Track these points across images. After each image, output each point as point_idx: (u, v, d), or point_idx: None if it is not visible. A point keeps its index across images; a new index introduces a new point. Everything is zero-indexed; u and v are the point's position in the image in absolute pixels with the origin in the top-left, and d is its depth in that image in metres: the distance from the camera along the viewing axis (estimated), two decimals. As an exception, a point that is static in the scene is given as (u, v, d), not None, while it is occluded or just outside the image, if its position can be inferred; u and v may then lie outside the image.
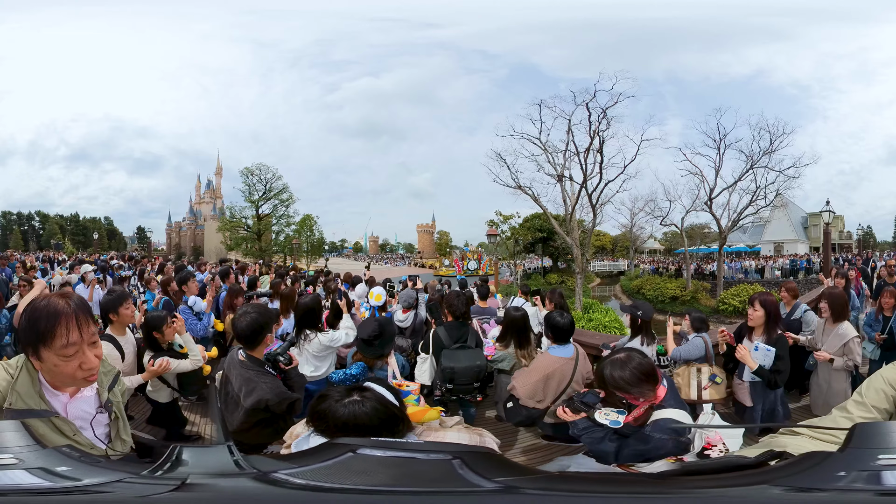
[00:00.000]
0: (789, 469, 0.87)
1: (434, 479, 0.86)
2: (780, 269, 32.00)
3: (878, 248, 54.68)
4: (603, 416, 2.26)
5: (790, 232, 48.30)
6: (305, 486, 0.83)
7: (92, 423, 1.71)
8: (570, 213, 22.92)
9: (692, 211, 26.96)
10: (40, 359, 1.47)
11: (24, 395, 1.51)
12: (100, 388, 1.73)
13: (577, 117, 22.44)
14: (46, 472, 0.83)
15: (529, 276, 34.51)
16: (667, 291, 27.88)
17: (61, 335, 1.44)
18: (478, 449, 1.04)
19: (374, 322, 3.71)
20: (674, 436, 2.09)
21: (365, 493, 0.83)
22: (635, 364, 2.20)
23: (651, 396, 2.22)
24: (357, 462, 0.89)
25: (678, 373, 4.53)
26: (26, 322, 1.47)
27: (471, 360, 4.09)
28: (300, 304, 4.36)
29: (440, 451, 0.94)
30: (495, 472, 0.87)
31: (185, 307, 5.61)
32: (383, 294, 5.81)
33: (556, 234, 25.76)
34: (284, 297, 5.76)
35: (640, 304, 4.62)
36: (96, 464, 0.89)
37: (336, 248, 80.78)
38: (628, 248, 41.76)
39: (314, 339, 4.19)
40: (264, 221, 43.51)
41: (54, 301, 1.48)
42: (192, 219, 74.76)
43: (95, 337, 1.55)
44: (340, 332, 4.33)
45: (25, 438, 0.91)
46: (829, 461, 0.83)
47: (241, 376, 2.93)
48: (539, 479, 0.91)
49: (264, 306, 4.00)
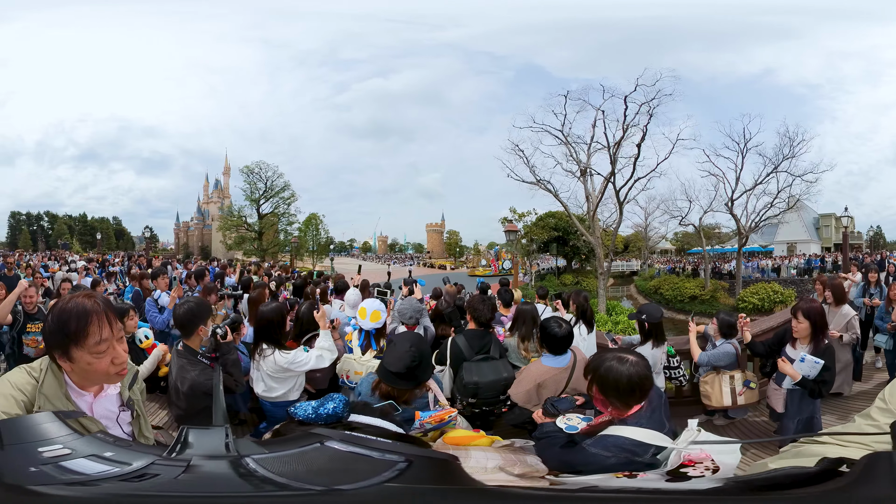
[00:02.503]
0: (866, 476, 0.84)
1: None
2: (795, 268, 32.23)
3: (888, 247, 54.58)
4: (563, 421, 2.19)
5: (803, 232, 48.57)
6: (263, 476, 0.87)
7: (118, 420, 1.77)
8: (593, 209, 22.32)
9: (709, 211, 27.26)
10: (71, 359, 1.49)
11: (51, 397, 1.53)
12: (122, 387, 1.79)
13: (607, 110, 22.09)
14: (100, 459, 0.86)
15: (543, 276, 34.34)
16: (686, 291, 27.80)
17: (94, 333, 1.47)
18: (439, 455, 1.07)
19: (407, 344, 2.56)
20: (620, 454, 1.89)
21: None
22: (635, 370, 1.98)
23: (618, 412, 2.02)
24: (320, 453, 0.94)
25: (705, 380, 4.60)
26: (55, 324, 1.47)
27: (496, 373, 3.61)
28: (260, 312, 3.74)
29: (396, 452, 0.97)
30: (440, 480, 0.92)
31: (150, 300, 5.99)
32: (382, 312, 4.05)
33: (571, 233, 25.51)
34: (252, 301, 5.28)
35: (645, 307, 4.51)
36: (129, 447, 0.93)
37: (345, 248, 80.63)
38: (640, 249, 41.58)
39: (269, 357, 3.58)
40: (266, 220, 42.93)
41: (82, 301, 1.50)
42: (199, 218, 74.82)
43: (122, 332, 1.59)
44: (309, 355, 3.66)
45: (64, 428, 0.93)
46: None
47: (177, 364, 3.15)
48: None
49: (203, 299, 3.79)
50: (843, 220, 19.97)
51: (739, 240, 26.53)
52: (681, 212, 28.07)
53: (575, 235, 28.65)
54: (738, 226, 25.92)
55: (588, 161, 22.52)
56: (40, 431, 0.92)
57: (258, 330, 3.70)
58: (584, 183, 22.64)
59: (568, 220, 25.92)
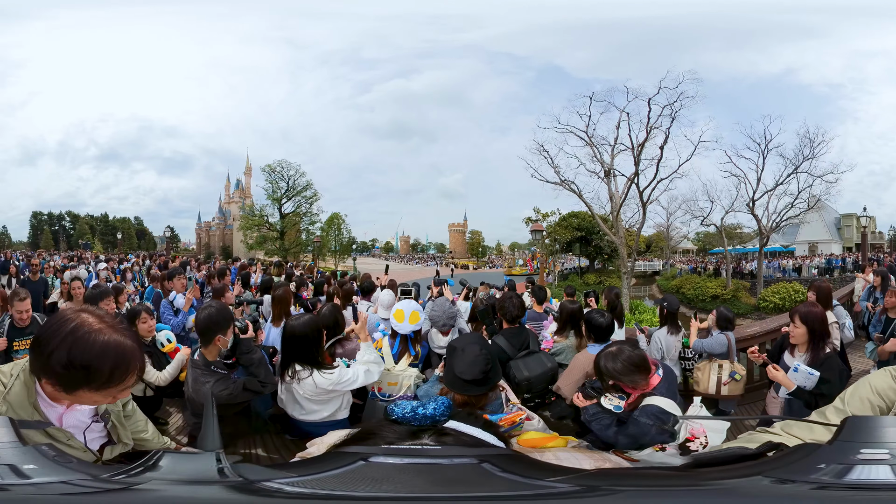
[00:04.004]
0: (781, 461, 0.88)
1: (463, 483, 0.82)
2: (816, 268, 32.38)
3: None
4: (608, 402, 2.42)
5: (824, 233, 48.53)
6: (301, 494, 0.77)
7: (85, 431, 1.67)
8: (617, 210, 22.59)
9: (730, 212, 27.48)
10: (71, 394, 1.27)
11: (15, 405, 1.42)
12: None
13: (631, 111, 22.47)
14: (11, 470, 0.80)
15: (566, 276, 34.61)
16: (707, 290, 27.95)
17: (125, 382, 1.27)
18: (503, 451, 1.01)
19: (477, 347, 2.25)
20: (657, 423, 2.20)
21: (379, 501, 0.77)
22: (626, 356, 2.39)
23: (643, 385, 2.40)
24: (370, 471, 0.82)
25: (700, 367, 4.83)
26: (81, 360, 1.19)
27: (542, 365, 3.62)
28: (291, 327, 3.08)
29: (464, 455, 0.90)
30: (529, 472, 0.86)
31: (165, 301, 5.85)
32: (421, 313, 3.83)
33: (594, 233, 25.73)
34: (277, 300, 4.74)
35: (668, 296, 5.23)
36: (65, 464, 0.85)
37: (367, 248, 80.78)
38: (662, 248, 41.72)
39: (307, 380, 2.99)
40: (288, 220, 42.48)
41: (120, 341, 1.24)
42: (221, 218, 75.51)
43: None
44: (355, 372, 3.08)
45: (11, 434, 0.87)
46: (816, 453, 0.83)
47: (191, 375, 2.94)
48: (578, 477, 0.89)
49: (225, 306, 3.29)
50: (863, 219, 20.65)
51: (761, 240, 26.73)
52: (702, 212, 28.29)
53: (598, 235, 29.20)
54: (759, 226, 26.12)
55: (612, 162, 22.81)
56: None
57: (288, 349, 3.11)
58: (608, 183, 22.91)
59: (591, 220, 26.35)
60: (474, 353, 2.16)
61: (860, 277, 8.07)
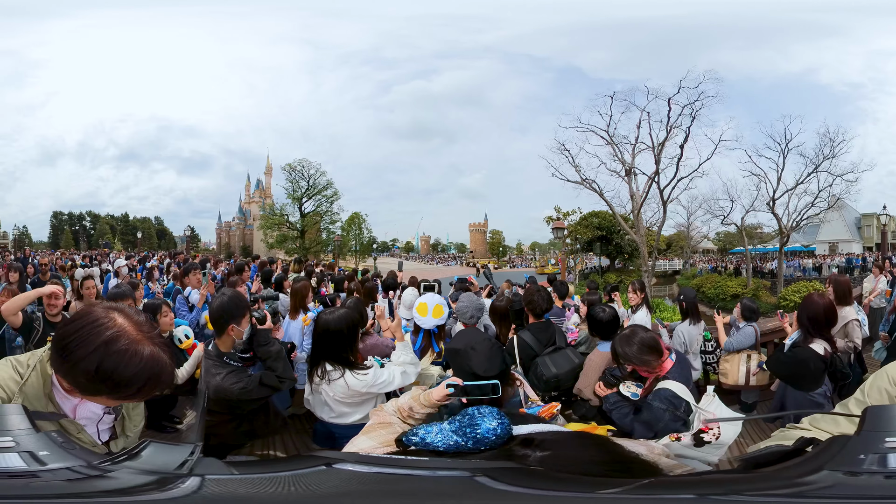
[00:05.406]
0: (825, 454, 0.85)
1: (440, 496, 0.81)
2: (836, 267, 32.29)
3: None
4: (626, 389, 2.50)
5: (844, 232, 48.10)
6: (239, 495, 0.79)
7: (98, 423, 1.73)
8: (638, 208, 22.82)
9: (751, 211, 27.61)
10: (90, 396, 1.25)
11: (31, 396, 1.43)
12: None
13: (651, 111, 23.01)
14: (31, 456, 0.82)
15: (587, 275, 34.83)
16: (728, 289, 28.02)
17: (150, 395, 1.21)
18: (503, 464, 0.96)
19: (487, 343, 2.05)
20: (670, 407, 2.25)
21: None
22: (638, 339, 2.45)
23: (657, 368, 2.47)
24: (329, 477, 0.83)
25: (727, 359, 4.89)
26: (112, 377, 1.11)
27: (570, 361, 3.51)
28: (323, 321, 2.86)
29: (459, 468, 0.88)
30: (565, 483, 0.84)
31: (180, 297, 5.99)
32: (446, 307, 3.71)
33: (615, 232, 25.96)
34: (295, 292, 4.57)
35: (682, 290, 5.54)
36: (71, 450, 0.86)
37: (387, 248, 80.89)
38: (682, 248, 41.81)
39: (339, 381, 2.78)
40: (308, 219, 42.56)
41: (157, 356, 1.16)
42: (241, 218, 75.82)
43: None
44: (391, 373, 2.87)
45: (25, 422, 0.89)
46: (849, 445, 0.83)
47: (204, 367, 2.83)
48: (633, 488, 0.82)
49: (239, 293, 3.23)
50: (882, 218, 20.80)
51: (781, 239, 26.78)
52: (723, 211, 28.33)
53: (618, 234, 29.50)
54: (779, 225, 26.15)
55: (633, 161, 23.21)
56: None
57: (320, 345, 2.87)
58: (629, 182, 23.25)
59: (612, 219, 26.69)
60: (486, 349, 1.93)
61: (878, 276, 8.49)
